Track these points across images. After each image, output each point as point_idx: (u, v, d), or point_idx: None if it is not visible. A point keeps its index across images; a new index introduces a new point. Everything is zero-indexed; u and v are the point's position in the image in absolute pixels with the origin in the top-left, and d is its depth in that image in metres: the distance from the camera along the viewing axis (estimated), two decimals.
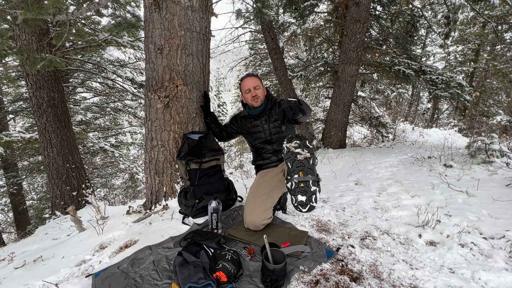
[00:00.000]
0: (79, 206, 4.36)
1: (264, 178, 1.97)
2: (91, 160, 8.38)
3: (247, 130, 2.14)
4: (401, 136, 7.62)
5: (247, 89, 1.99)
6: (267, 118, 2.04)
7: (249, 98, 2.00)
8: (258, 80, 2.01)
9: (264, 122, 2.05)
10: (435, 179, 2.99)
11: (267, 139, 2.07)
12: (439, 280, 1.32)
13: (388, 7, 5.44)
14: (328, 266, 1.41)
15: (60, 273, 1.57)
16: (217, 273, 1.24)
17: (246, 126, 2.13)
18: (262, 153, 2.12)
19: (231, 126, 2.24)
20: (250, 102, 2.02)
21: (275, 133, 2.05)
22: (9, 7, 2.49)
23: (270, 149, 2.09)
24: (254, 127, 2.09)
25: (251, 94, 1.98)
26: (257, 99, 1.99)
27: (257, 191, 1.88)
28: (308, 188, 1.54)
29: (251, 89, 1.98)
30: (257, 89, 1.98)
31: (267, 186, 1.89)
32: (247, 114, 2.11)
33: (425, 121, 14.14)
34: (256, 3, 4.32)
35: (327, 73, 6.04)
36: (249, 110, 2.09)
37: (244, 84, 2.02)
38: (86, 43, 4.59)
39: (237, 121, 2.20)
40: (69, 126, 4.46)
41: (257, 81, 2.00)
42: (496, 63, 8.77)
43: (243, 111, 2.17)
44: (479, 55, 11.92)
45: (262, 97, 2.01)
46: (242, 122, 2.17)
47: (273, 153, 2.09)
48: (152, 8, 2.00)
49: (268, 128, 2.05)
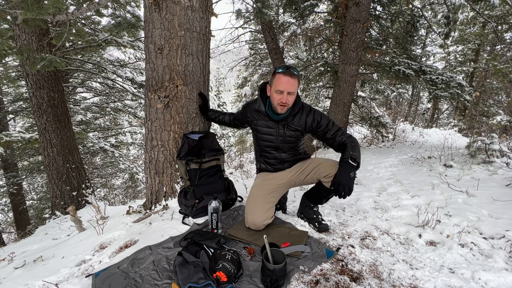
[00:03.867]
0: (79, 206, 4.37)
1: (267, 177, 1.93)
2: (91, 160, 8.38)
3: (257, 126, 1.86)
4: (401, 136, 7.62)
5: (280, 90, 1.61)
6: (286, 124, 1.77)
7: (276, 101, 1.64)
8: (297, 83, 1.63)
9: (280, 127, 1.78)
10: (435, 179, 2.99)
11: (277, 145, 1.84)
12: (439, 280, 1.31)
13: (388, 7, 5.43)
14: (328, 266, 1.41)
15: (60, 273, 1.57)
16: (217, 273, 1.24)
17: (259, 122, 1.84)
18: (268, 158, 1.93)
19: (241, 119, 1.98)
20: (275, 105, 1.67)
21: (288, 142, 1.82)
22: (9, 7, 2.49)
23: (277, 155, 1.88)
24: (267, 127, 1.82)
25: (281, 98, 1.62)
26: (283, 107, 1.65)
27: (260, 190, 1.85)
28: None
29: (284, 92, 1.60)
30: (290, 95, 1.62)
31: (270, 186, 1.86)
32: (265, 112, 1.79)
33: (425, 121, 14.15)
34: (256, 3, 4.32)
35: (327, 73, 6.03)
36: (270, 111, 1.76)
37: (278, 82, 1.60)
38: (86, 43, 4.59)
39: (251, 114, 1.88)
40: (69, 126, 4.46)
41: (295, 85, 1.61)
42: (496, 63, 8.76)
43: (259, 102, 1.80)
44: (479, 55, 11.93)
45: (290, 105, 1.68)
46: (254, 117, 1.86)
47: (280, 163, 1.91)
48: (152, 8, 2.00)
49: (282, 135, 1.80)
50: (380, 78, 7.10)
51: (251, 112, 1.87)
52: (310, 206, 1.94)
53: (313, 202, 1.93)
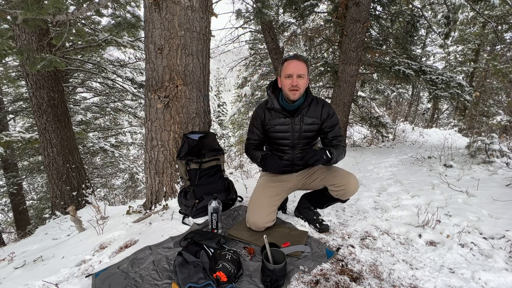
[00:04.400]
0: (79, 206, 4.36)
1: (274, 178, 1.89)
2: (91, 160, 8.38)
3: (271, 125, 1.76)
4: (401, 136, 7.62)
5: (289, 74, 1.60)
6: (301, 118, 1.71)
7: (287, 86, 1.61)
8: (305, 67, 1.62)
9: (296, 122, 1.71)
10: (435, 179, 2.99)
11: (293, 142, 1.76)
12: (439, 280, 1.31)
13: (388, 7, 5.43)
14: (328, 266, 1.41)
15: (60, 273, 1.57)
16: (217, 273, 1.24)
17: (272, 121, 1.75)
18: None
19: (259, 126, 1.82)
20: (287, 92, 1.64)
21: (304, 138, 1.75)
22: (9, 7, 2.49)
23: (289, 157, 1.81)
24: (282, 125, 1.73)
25: (291, 81, 1.59)
26: (296, 91, 1.61)
27: (264, 192, 1.80)
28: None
29: (293, 75, 1.58)
30: (300, 78, 1.60)
31: (276, 189, 1.83)
32: (278, 107, 1.71)
33: (425, 121, 14.14)
34: (256, 3, 4.32)
35: (327, 73, 6.03)
36: (284, 102, 1.70)
37: (287, 67, 1.61)
38: (86, 43, 4.59)
39: (264, 115, 1.78)
40: (69, 126, 4.46)
41: (303, 68, 1.61)
42: (496, 63, 8.76)
43: (270, 99, 1.74)
44: (479, 55, 11.92)
45: (302, 90, 1.63)
46: (267, 116, 1.77)
47: (291, 166, 1.84)
48: (152, 8, 2.00)
49: (298, 130, 1.72)
50: (380, 78, 7.11)
51: (264, 113, 1.78)
52: (310, 208, 1.94)
53: (314, 205, 1.93)
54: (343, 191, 1.68)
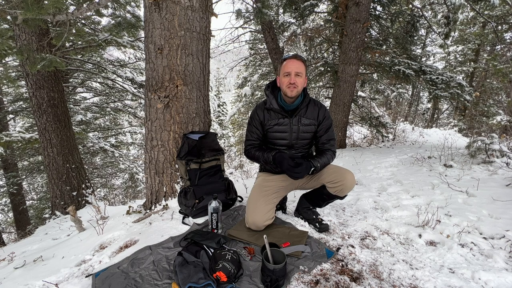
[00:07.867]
0: (79, 206, 4.37)
1: (270, 177, 1.90)
2: (91, 160, 8.38)
3: (270, 125, 1.79)
4: (401, 136, 7.63)
5: (287, 72, 1.65)
6: (299, 118, 1.76)
7: (285, 84, 1.66)
8: (303, 66, 1.67)
9: (294, 123, 1.75)
10: (435, 179, 2.99)
11: (290, 142, 1.80)
12: (439, 280, 1.31)
13: (388, 7, 5.44)
14: (328, 266, 1.41)
15: (60, 273, 1.57)
16: (217, 273, 1.24)
17: (270, 121, 1.78)
18: None
19: (258, 125, 1.83)
20: (285, 89, 1.68)
21: (302, 138, 1.79)
22: (9, 7, 2.49)
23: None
24: (280, 125, 1.77)
25: (289, 79, 1.64)
26: (293, 88, 1.65)
27: (261, 191, 1.82)
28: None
29: (291, 73, 1.63)
30: (298, 77, 1.64)
31: (272, 188, 1.84)
32: (277, 107, 1.74)
33: (425, 121, 14.15)
34: (256, 3, 4.32)
35: (327, 73, 6.04)
36: (283, 102, 1.74)
37: (285, 66, 1.67)
38: (86, 43, 4.59)
39: (262, 115, 1.81)
40: (69, 126, 4.47)
41: (302, 67, 1.66)
42: (496, 63, 8.75)
43: (269, 99, 1.77)
44: (479, 55, 11.93)
45: (300, 88, 1.68)
46: (266, 116, 1.80)
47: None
48: (152, 8, 2.00)
49: (296, 131, 1.77)
50: (380, 78, 7.11)
51: (262, 113, 1.80)
52: (309, 208, 1.94)
53: (313, 204, 1.93)
54: (341, 187, 1.70)
